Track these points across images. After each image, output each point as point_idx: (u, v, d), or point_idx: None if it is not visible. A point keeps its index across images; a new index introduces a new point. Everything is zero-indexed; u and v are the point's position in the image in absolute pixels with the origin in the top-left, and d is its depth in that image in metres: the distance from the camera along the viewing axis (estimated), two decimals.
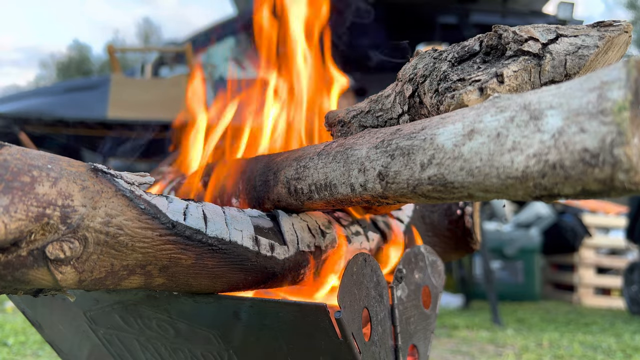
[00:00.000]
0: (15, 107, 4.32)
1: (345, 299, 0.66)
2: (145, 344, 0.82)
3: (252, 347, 0.72)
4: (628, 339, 2.61)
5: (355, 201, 0.64)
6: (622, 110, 0.38)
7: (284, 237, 0.73)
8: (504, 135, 0.45)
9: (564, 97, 0.42)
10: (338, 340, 0.64)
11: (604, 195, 0.41)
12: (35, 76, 31.23)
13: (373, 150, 0.59)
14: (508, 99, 0.47)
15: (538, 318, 3.25)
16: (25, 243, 0.50)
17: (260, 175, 0.80)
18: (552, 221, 4.45)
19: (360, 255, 0.71)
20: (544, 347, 2.35)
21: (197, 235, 0.63)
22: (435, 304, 0.89)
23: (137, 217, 0.58)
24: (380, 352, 0.72)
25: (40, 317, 0.94)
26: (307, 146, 0.76)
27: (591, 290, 4.26)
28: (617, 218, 4.62)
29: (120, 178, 0.59)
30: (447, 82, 0.63)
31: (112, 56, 4.40)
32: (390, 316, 0.76)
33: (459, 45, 0.66)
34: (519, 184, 0.44)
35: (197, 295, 0.69)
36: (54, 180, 0.52)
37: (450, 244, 1.07)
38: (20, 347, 1.97)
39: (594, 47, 0.58)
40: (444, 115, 0.53)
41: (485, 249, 3.17)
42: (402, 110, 0.72)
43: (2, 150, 0.51)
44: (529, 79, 0.59)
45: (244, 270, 0.68)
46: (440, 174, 0.50)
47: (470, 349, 2.30)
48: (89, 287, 0.58)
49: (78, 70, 25.63)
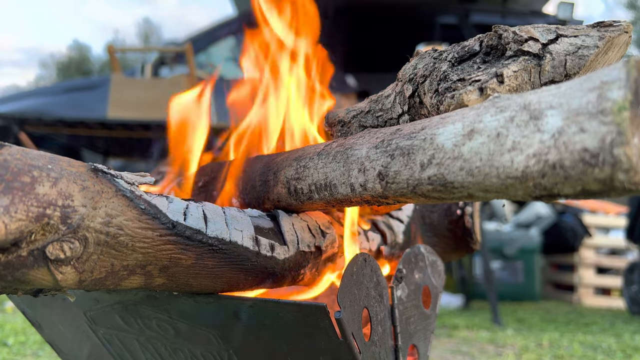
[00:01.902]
0: (15, 107, 4.32)
1: (345, 299, 0.66)
2: (145, 344, 0.82)
3: (252, 347, 0.72)
4: (628, 339, 2.61)
5: (355, 201, 0.64)
6: (622, 110, 0.38)
7: (284, 237, 0.73)
8: (504, 135, 0.45)
9: (564, 97, 0.42)
10: (338, 340, 0.64)
11: (604, 195, 0.41)
12: (35, 76, 31.27)
13: (373, 150, 0.59)
14: (508, 99, 0.47)
15: (538, 318, 3.25)
16: (25, 243, 0.50)
17: (260, 175, 0.80)
18: (552, 221, 4.45)
19: (360, 255, 0.71)
20: (544, 347, 2.35)
21: (197, 235, 0.63)
22: (435, 304, 0.89)
23: (137, 217, 0.58)
24: (380, 352, 0.72)
25: (40, 317, 0.94)
26: (307, 146, 0.76)
27: (591, 290, 4.26)
28: (617, 218, 4.62)
29: (121, 178, 0.59)
30: (447, 82, 0.63)
31: (112, 56, 4.40)
32: (390, 316, 0.76)
33: (459, 45, 0.66)
34: (519, 183, 0.44)
35: (197, 295, 0.69)
36: (54, 181, 0.52)
37: (450, 244, 1.07)
38: (20, 347, 1.97)
39: (594, 47, 0.58)
40: (443, 115, 0.53)
41: (485, 249, 3.17)
42: (402, 110, 0.72)
43: (2, 151, 0.51)
44: (529, 79, 0.59)
45: (244, 271, 0.68)
46: (440, 174, 0.50)
47: (470, 349, 2.30)
48: (89, 287, 0.58)
49: (78, 70, 25.64)
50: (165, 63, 4.77)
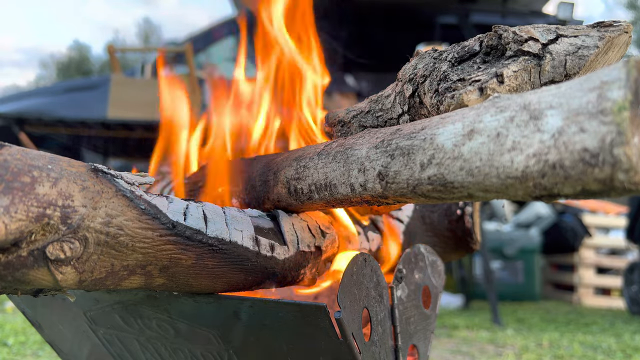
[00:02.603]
0: (15, 107, 4.32)
1: (345, 299, 0.66)
2: (145, 344, 0.82)
3: (252, 347, 0.72)
4: (628, 339, 2.61)
5: (355, 201, 0.64)
6: (622, 110, 0.38)
7: (284, 237, 0.73)
8: (504, 135, 0.45)
9: (564, 97, 0.42)
10: (338, 340, 0.64)
11: (603, 195, 0.41)
12: (35, 76, 31.30)
13: (373, 150, 0.59)
14: (508, 99, 0.47)
15: (538, 318, 3.25)
16: (25, 243, 0.50)
17: (260, 175, 0.80)
18: (552, 221, 4.45)
19: (360, 255, 0.71)
20: (544, 347, 2.35)
21: (197, 235, 0.63)
22: (435, 304, 0.89)
23: (138, 217, 0.58)
24: (380, 352, 0.72)
25: (40, 317, 0.94)
26: (307, 146, 0.76)
27: (591, 290, 4.26)
28: (617, 218, 4.62)
29: (121, 178, 0.59)
30: (447, 82, 0.63)
31: (112, 56, 4.41)
32: (390, 316, 0.76)
33: (459, 45, 0.66)
34: (519, 183, 0.44)
35: (197, 295, 0.69)
36: (54, 181, 0.52)
37: (450, 244, 1.07)
38: (20, 347, 1.97)
39: (594, 47, 0.58)
40: (443, 115, 0.53)
41: (485, 249, 3.17)
42: (402, 110, 0.72)
43: (2, 151, 0.51)
44: (529, 79, 0.59)
45: (244, 271, 0.68)
46: (440, 174, 0.50)
47: (470, 349, 2.30)
48: (89, 287, 0.58)
49: (78, 70, 25.65)
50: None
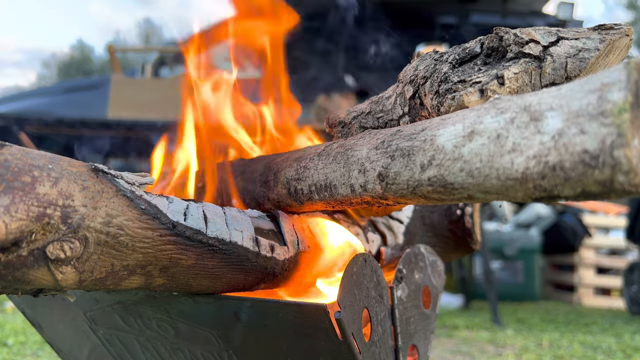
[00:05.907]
0: (16, 107, 4.32)
1: (345, 299, 0.66)
2: (145, 344, 0.82)
3: (252, 347, 0.72)
4: (628, 339, 2.61)
5: (355, 202, 0.64)
6: (622, 112, 0.38)
7: (284, 238, 0.73)
8: (504, 137, 0.45)
9: (564, 98, 0.42)
10: (338, 340, 0.64)
11: (603, 197, 0.41)
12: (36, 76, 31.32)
13: (373, 151, 0.59)
14: (508, 101, 0.47)
15: (538, 318, 3.25)
16: (25, 243, 0.50)
17: (261, 176, 0.80)
18: (552, 221, 4.45)
19: (360, 255, 0.71)
20: (544, 347, 2.36)
21: (197, 235, 0.63)
22: (435, 304, 0.89)
23: (138, 217, 0.58)
24: (380, 352, 0.72)
25: (40, 317, 0.94)
26: (308, 147, 0.76)
27: (591, 291, 4.26)
28: (617, 218, 4.62)
29: (121, 178, 0.59)
30: (448, 83, 0.63)
31: (113, 56, 4.41)
32: (390, 316, 0.77)
33: (460, 47, 0.67)
34: (519, 185, 0.44)
35: (197, 296, 0.69)
36: (55, 180, 0.52)
37: (450, 244, 1.07)
38: (20, 347, 1.97)
39: (595, 50, 0.58)
40: (444, 117, 0.53)
41: (485, 249, 3.17)
42: (403, 111, 0.72)
43: (3, 150, 0.51)
44: (530, 81, 0.59)
45: (244, 271, 0.68)
46: (440, 175, 0.50)
47: (470, 349, 2.30)
48: (89, 287, 0.58)
49: (79, 70, 25.67)
50: (165, 63, 4.77)
